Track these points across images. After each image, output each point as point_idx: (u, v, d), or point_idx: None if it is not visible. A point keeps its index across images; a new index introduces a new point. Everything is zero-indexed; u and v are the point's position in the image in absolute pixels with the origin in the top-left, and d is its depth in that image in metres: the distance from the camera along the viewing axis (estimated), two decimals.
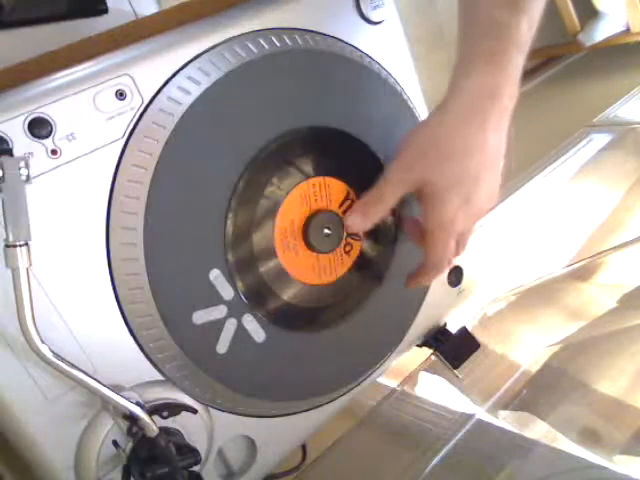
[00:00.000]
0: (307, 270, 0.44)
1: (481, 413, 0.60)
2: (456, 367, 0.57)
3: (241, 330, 0.41)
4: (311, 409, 0.47)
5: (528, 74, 2.20)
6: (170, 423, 0.38)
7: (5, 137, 0.32)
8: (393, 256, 0.49)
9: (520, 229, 1.04)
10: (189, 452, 0.36)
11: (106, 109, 0.35)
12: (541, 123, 1.68)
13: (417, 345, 0.57)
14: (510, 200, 1.14)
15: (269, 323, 0.42)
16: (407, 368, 0.66)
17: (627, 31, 1.76)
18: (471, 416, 0.59)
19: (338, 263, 0.46)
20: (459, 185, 0.39)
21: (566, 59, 2.21)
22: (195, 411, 0.37)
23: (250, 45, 0.40)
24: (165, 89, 0.37)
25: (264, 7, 0.42)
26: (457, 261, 0.56)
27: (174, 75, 0.37)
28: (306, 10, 0.44)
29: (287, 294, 0.43)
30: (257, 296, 0.41)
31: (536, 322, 0.74)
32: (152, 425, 0.34)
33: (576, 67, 2.16)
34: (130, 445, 0.36)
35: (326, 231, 0.44)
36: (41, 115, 0.33)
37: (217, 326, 0.40)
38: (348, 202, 0.46)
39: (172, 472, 0.35)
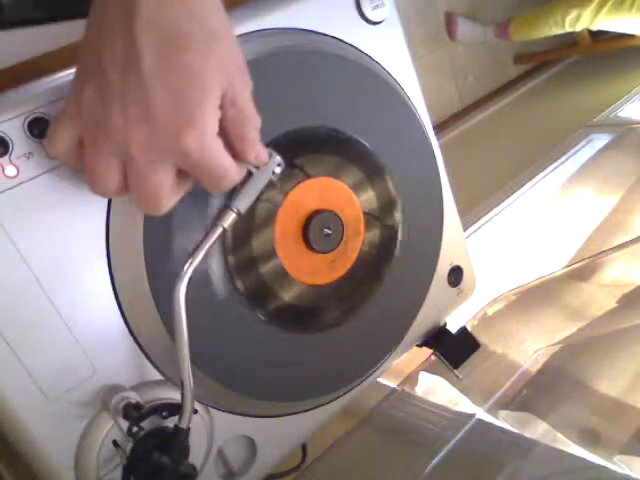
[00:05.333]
0: (307, 270, 0.44)
1: (481, 413, 0.60)
2: (456, 367, 0.57)
3: (241, 330, 0.41)
4: (311, 409, 0.47)
5: (529, 74, 2.20)
6: (170, 423, 0.37)
7: (5, 137, 0.32)
8: (393, 256, 0.49)
9: (520, 229, 1.04)
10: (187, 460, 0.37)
11: None
12: (541, 123, 1.69)
13: (417, 345, 0.57)
14: (510, 200, 1.14)
15: (269, 323, 0.42)
16: (407, 368, 0.66)
17: (631, 35, 1.78)
18: (471, 416, 0.59)
19: (338, 263, 0.46)
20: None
21: (567, 59, 2.21)
22: (195, 411, 0.37)
23: (250, 45, 0.40)
24: None
25: (264, 7, 0.42)
26: (457, 261, 0.56)
27: None
28: (306, 10, 0.44)
29: (287, 294, 0.43)
30: (257, 296, 0.41)
31: (536, 322, 0.74)
32: (191, 417, 0.35)
33: (576, 68, 2.16)
34: (130, 445, 0.36)
35: (326, 231, 0.44)
36: (41, 115, 0.33)
37: (217, 326, 0.40)
38: (348, 202, 0.46)
39: (171, 469, 0.35)
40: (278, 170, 0.35)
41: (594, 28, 1.72)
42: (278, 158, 0.35)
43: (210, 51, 0.28)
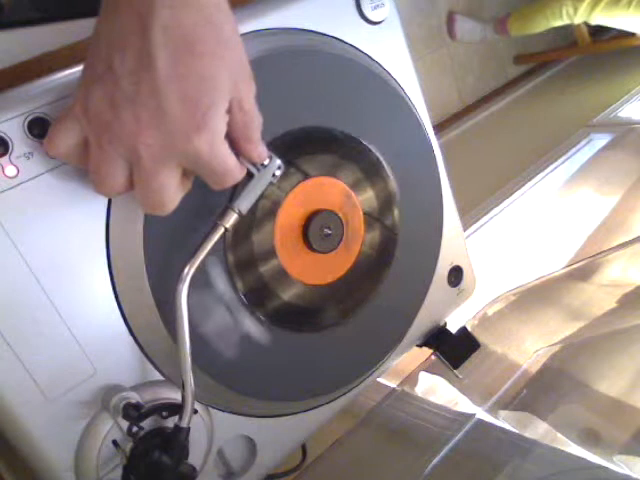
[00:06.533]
0: (307, 270, 0.44)
1: (481, 413, 0.60)
2: (456, 367, 0.57)
3: (241, 330, 0.41)
4: (311, 409, 0.47)
5: (529, 74, 2.20)
6: (170, 423, 0.37)
7: (5, 137, 0.32)
8: (393, 256, 0.49)
9: (520, 229, 1.04)
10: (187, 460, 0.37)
11: None
12: (541, 123, 1.69)
13: (417, 345, 0.57)
14: (510, 200, 1.14)
15: (269, 323, 0.42)
16: (407, 368, 0.66)
17: (632, 34, 1.78)
18: (471, 416, 0.59)
19: (338, 263, 0.46)
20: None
21: (567, 59, 2.21)
22: (195, 411, 0.37)
23: (250, 45, 0.40)
24: None
25: (264, 7, 0.42)
26: (457, 261, 0.56)
27: None
28: (306, 10, 0.44)
29: (287, 294, 0.43)
30: (257, 296, 0.41)
31: (536, 322, 0.74)
32: (191, 417, 0.35)
33: (576, 68, 2.16)
34: (130, 445, 0.36)
35: (326, 231, 0.44)
36: (41, 115, 0.33)
37: (217, 326, 0.40)
38: (348, 202, 0.46)
39: (171, 468, 0.35)
40: (278, 173, 0.36)
41: (593, 22, 1.73)
42: (278, 162, 0.35)
43: (222, 58, 0.29)
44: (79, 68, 0.36)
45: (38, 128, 0.32)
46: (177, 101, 0.28)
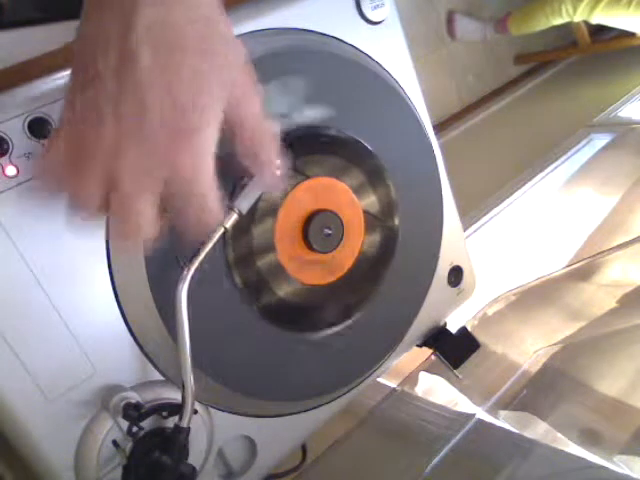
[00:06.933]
0: (307, 270, 0.44)
1: (481, 413, 0.60)
2: (456, 367, 0.57)
3: (241, 331, 0.41)
4: (311, 409, 0.47)
5: (529, 74, 2.20)
6: (170, 423, 0.37)
7: (5, 137, 0.32)
8: (393, 256, 0.49)
9: (520, 229, 1.04)
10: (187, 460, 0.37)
11: None
12: (541, 123, 1.69)
13: (417, 345, 0.57)
14: (510, 200, 1.14)
15: (269, 323, 0.42)
16: (407, 368, 0.66)
17: (632, 34, 1.79)
18: (471, 416, 0.59)
19: (338, 263, 0.46)
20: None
21: (567, 59, 2.21)
22: (195, 411, 0.37)
23: (250, 45, 0.40)
24: None
25: (264, 7, 0.42)
26: (457, 261, 0.56)
27: None
28: (306, 10, 0.44)
29: (287, 294, 0.43)
30: (257, 296, 0.41)
31: (536, 322, 0.74)
32: (191, 417, 0.35)
33: (576, 68, 2.16)
34: (130, 445, 0.36)
35: (326, 231, 0.44)
36: (41, 115, 0.33)
37: (217, 326, 0.40)
38: (348, 202, 0.46)
39: (171, 468, 0.35)
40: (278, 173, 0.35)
41: (593, 21, 1.73)
42: (278, 162, 0.35)
43: (214, 55, 0.28)
44: None
45: (38, 128, 0.32)
46: (160, 99, 0.26)
